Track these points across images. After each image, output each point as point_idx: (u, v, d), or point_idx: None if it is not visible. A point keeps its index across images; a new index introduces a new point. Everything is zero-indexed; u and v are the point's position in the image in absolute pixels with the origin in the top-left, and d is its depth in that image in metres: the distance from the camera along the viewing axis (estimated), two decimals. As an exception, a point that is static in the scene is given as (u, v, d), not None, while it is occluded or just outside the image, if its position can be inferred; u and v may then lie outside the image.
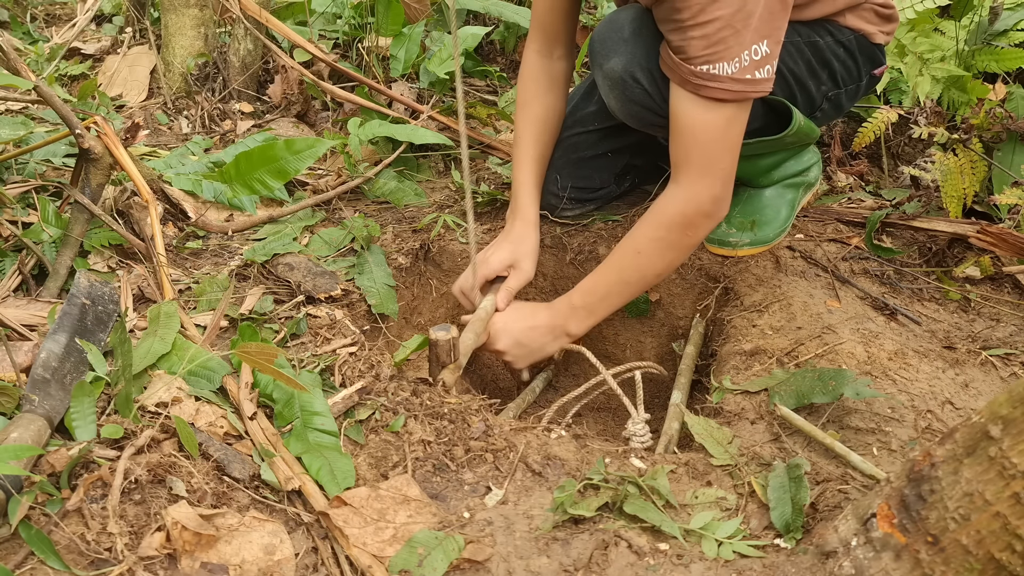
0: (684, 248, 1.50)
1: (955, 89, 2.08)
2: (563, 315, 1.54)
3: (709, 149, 1.42)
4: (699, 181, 1.43)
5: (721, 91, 1.35)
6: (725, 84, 1.34)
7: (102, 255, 1.59)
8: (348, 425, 1.22)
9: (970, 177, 1.80)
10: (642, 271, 1.51)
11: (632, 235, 1.51)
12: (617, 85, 1.53)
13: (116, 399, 1.15)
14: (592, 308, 1.53)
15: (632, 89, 1.52)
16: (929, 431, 1.24)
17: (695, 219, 1.45)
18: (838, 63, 1.62)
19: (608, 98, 1.59)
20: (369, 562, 0.98)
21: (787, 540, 1.05)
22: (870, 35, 1.63)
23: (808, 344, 1.45)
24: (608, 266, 1.53)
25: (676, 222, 1.46)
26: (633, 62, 1.49)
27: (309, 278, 1.59)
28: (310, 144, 1.87)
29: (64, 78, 2.62)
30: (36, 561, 0.93)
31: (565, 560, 1.01)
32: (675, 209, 1.46)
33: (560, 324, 1.55)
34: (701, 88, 1.36)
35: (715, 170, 1.43)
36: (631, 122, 1.61)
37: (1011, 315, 1.59)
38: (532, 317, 1.56)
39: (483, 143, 2.29)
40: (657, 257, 1.49)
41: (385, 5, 2.49)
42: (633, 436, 1.37)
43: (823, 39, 1.59)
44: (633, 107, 1.55)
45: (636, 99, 1.53)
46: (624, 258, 1.51)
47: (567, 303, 1.54)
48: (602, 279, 1.52)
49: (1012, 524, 0.81)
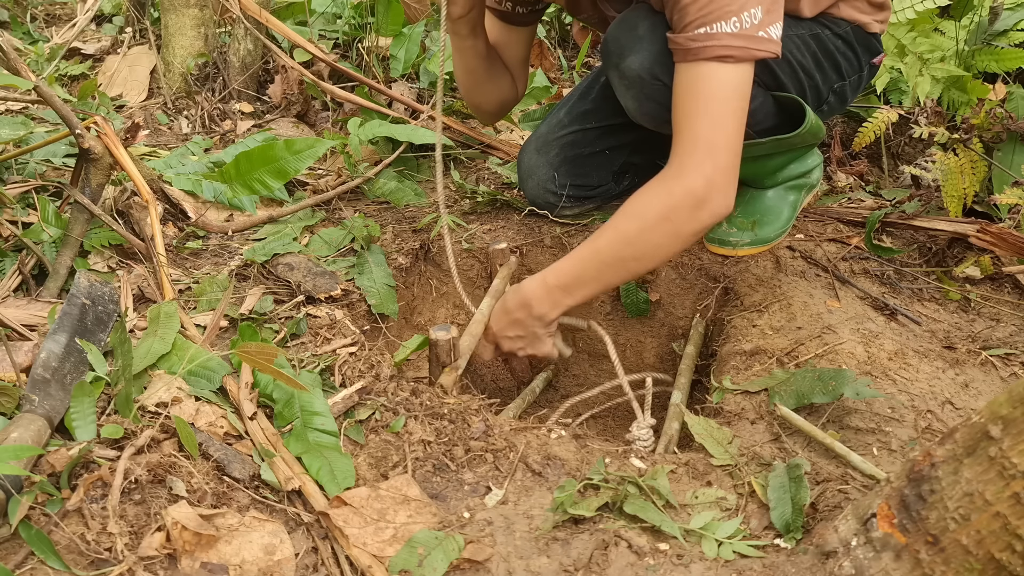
0: (671, 235, 1.37)
1: (955, 89, 2.08)
2: (534, 295, 1.45)
3: (708, 120, 1.32)
4: (691, 158, 1.33)
5: (721, 47, 1.29)
6: (725, 41, 1.29)
7: (102, 255, 1.59)
8: (348, 425, 1.22)
9: (970, 177, 1.80)
10: (619, 252, 1.39)
11: (616, 214, 1.43)
12: (635, 83, 1.49)
13: (116, 399, 1.15)
14: (567, 288, 1.43)
15: (650, 86, 1.47)
16: (929, 431, 1.24)
17: (683, 201, 1.33)
18: (839, 55, 1.63)
19: (624, 98, 1.55)
20: (369, 562, 0.98)
21: (787, 540, 1.05)
22: (865, 25, 1.63)
23: (808, 344, 1.45)
24: (586, 245, 1.44)
25: (660, 202, 1.35)
26: (651, 59, 1.45)
27: (309, 278, 1.59)
28: (310, 144, 1.87)
29: (64, 78, 2.62)
30: (36, 561, 0.93)
31: (565, 560, 1.01)
32: (661, 188, 1.36)
33: (529, 304, 1.45)
34: (700, 51, 1.30)
35: (713, 148, 1.32)
36: (646, 121, 1.57)
37: (1011, 315, 1.59)
38: (504, 310, 1.50)
39: (483, 143, 2.29)
40: (636, 238, 1.38)
41: (385, 5, 2.49)
42: (637, 440, 1.36)
43: (823, 32, 1.60)
44: (651, 105, 1.50)
45: (655, 97, 1.48)
46: (602, 236, 1.41)
47: (540, 282, 1.45)
48: (578, 258, 1.43)
49: (1012, 524, 0.81)
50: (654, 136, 1.85)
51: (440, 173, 1.59)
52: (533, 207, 1.90)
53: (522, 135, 2.39)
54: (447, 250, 1.59)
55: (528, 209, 1.92)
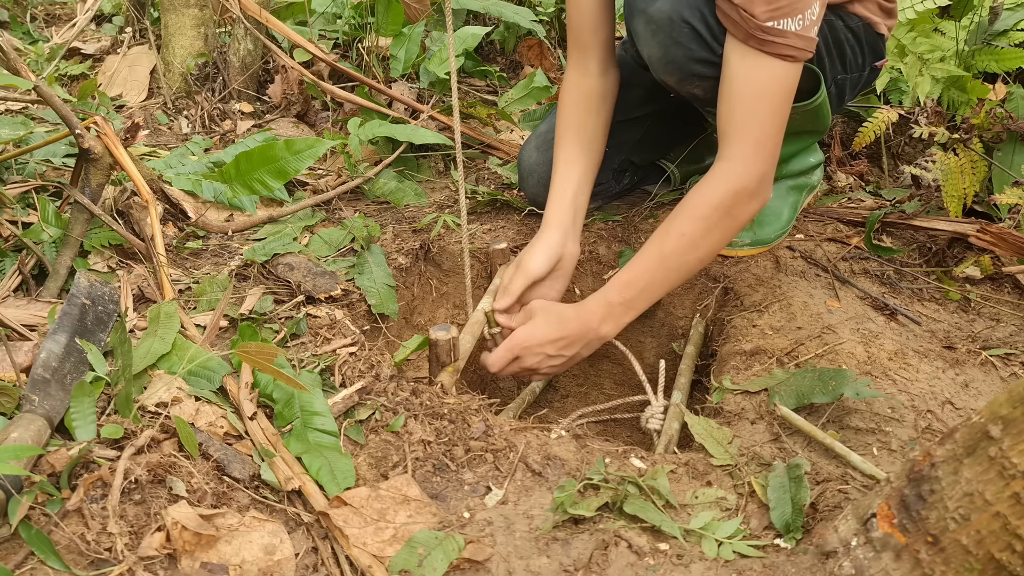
0: (729, 231, 1.40)
1: (955, 89, 2.08)
2: (598, 316, 1.42)
3: (767, 116, 1.34)
4: (753, 155, 1.35)
5: (788, 47, 1.29)
6: (791, 40, 1.29)
7: (102, 255, 1.59)
8: (348, 425, 1.22)
9: (970, 177, 1.80)
10: (685, 256, 1.40)
11: (675, 217, 1.40)
12: (663, 28, 1.43)
13: (116, 399, 1.15)
14: (631, 303, 1.41)
15: (680, 30, 1.41)
16: (929, 431, 1.24)
17: (743, 197, 1.36)
18: (848, 47, 1.63)
19: (649, 45, 1.48)
20: (369, 562, 0.98)
21: (787, 540, 1.05)
22: (875, 24, 1.63)
23: (808, 344, 1.45)
24: (648, 253, 1.41)
25: (725, 201, 1.36)
26: (683, 3, 1.40)
27: (309, 278, 1.59)
28: (310, 144, 1.87)
29: (64, 78, 2.62)
30: (36, 561, 0.93)
31: (565, 560, 1.01)
32: (726, 186, 1.37)
33: (594, 327, 1.42)
34: (767, 44, 1.29)
35: (768, 143, 1.36)
36: (671, 73, 1.50)
37: (1011, 315, 1.59)
38: (560, 327, 1.43)
39: (483, 143, 2.29)
40: (702, 240, 1.39)
41: (385, 5, 2.49)
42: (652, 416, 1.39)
43: (837, 21, 1.59)
44: (678, 51, 1.44)
45: (684, 42, 1.42)
46: (666, 243, 1.40)
47: (603, 301, 1.42)
48: (641, 268, 1.41)
49: (1012, 524, 0.81)
50: (654, 135, 1.85)
51: (462, 175, 1.58)
52: (533, 207, 1.90)
53: (522, 135, 2.39)
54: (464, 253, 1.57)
55: (528, 209, 1.92)
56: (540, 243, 1.56)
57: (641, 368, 1.48)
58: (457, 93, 1.52)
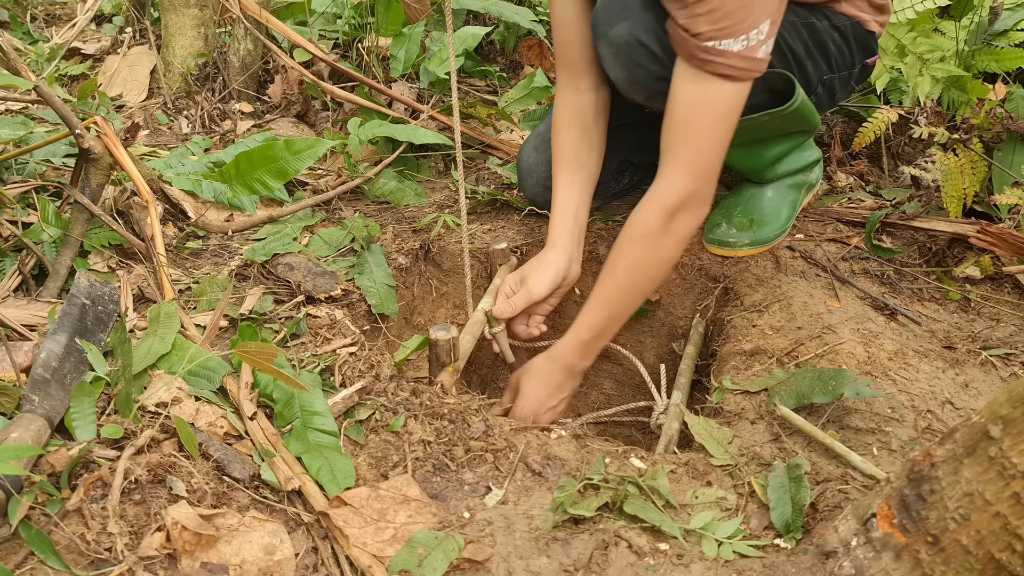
0: (673, 247, 1.46)
1: (955, 89, 2.08)
2: (576, 356, 1.53)
3: (702, 134, 1.38)
4: (683, 173, 1.40)
5: (727, 67, 1.32)
6: (732, 60, 1.32)
7: (102, 255, 1.59)
8: (348, 425, 1.22)
9: (970, 177, 1.80)
10: (636, 278, 1.48)
11: (618, 242, 1.48)
12: (623, 51, 1.48)
13: (116, 399, 1.15)
14: (601, 333, 1.52)
15: (638, 52, 1.46)
16: (929, 431, 1.24)
17: (675, 215, 1.42)
18: (833, 46, 1.63)
19: (613, 68, 1.53)
20: (369, 562, 0.98)
21: (787, 540, 1.05)
22: (864, 22, 1.63)
23: (808, 344, 1.45)
24: (604, 284, 1.50)
25: (659, 221, 1.42)
26: (639, 26, 1.45)
27: (309, 278, 1.59)
28: (310, 144, 1.87)
29: (64, 78, 2.62)
30: (36, 561, 0.93)
31: (565, 560, 1.01)
32: (657, 206, 1.42)
33: (574, 364, 1.53)
34: (707, 63, 1.32)
35: (700, 161, 1.39)
36: (637, 92, 1.55)
37: (1011, 315, 1.59)
38: (548, 381, 1.54)
39: (483, 143, 2.29)
40: (648, 260, 1.46)
41: (385, 5, 2.49)
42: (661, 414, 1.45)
43: (820, 22, 1.59)
44: (639, 72, 1.49)
45: (643, 63, 1.47)
46: (616, 271, 1.48)
47: (575, 342, 1.52)
48: (603, 300, 1.50)
49: (1012, 524, 0.81)
50: (652, 136, 1.85)
51: (462, 176, 1.59)
52: (533, 207, 1.90)
53: (522, 135, 2.39)
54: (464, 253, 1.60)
55: (528, 209, 1.92)
56: (546, 265, 1.63)
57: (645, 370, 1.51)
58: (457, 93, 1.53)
